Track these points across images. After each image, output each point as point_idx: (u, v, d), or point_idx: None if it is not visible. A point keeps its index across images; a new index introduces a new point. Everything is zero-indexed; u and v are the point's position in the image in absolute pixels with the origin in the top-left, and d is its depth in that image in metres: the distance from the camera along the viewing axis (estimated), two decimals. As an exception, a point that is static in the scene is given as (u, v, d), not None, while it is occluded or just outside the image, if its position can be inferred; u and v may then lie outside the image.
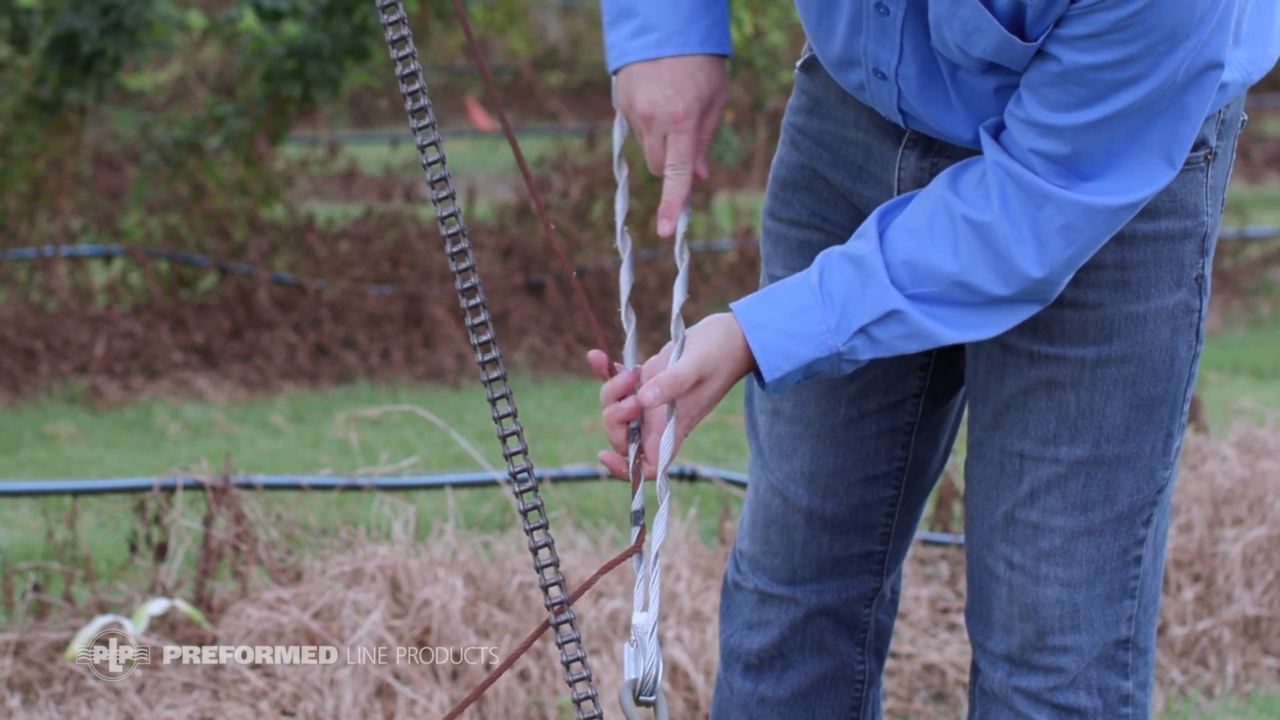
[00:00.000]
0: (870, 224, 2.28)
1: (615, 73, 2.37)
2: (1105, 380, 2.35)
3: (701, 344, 2.28)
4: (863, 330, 2.25)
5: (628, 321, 2.37)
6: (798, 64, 2.51)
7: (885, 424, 2.54)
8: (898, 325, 2.24)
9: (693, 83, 2.33)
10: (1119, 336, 2.34)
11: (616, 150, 2.42)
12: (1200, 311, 2.37)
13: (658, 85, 2.33)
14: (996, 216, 2.20)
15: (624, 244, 2.40)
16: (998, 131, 2.23)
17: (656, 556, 2.26)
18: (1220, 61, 2.14)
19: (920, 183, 2.38)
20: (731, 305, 2.31)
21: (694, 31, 2.34)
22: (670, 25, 2.33)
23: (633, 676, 2.20)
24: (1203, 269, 2.36)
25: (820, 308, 2.26)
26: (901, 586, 2.72)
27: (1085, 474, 2.37)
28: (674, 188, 2.38)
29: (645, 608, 2.23)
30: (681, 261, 2.38)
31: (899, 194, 2.41)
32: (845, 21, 2.31)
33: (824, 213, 2.50)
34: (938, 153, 2.37)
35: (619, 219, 2.39)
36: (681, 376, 2.25)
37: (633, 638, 2.22)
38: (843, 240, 2.43)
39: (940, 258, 2.23)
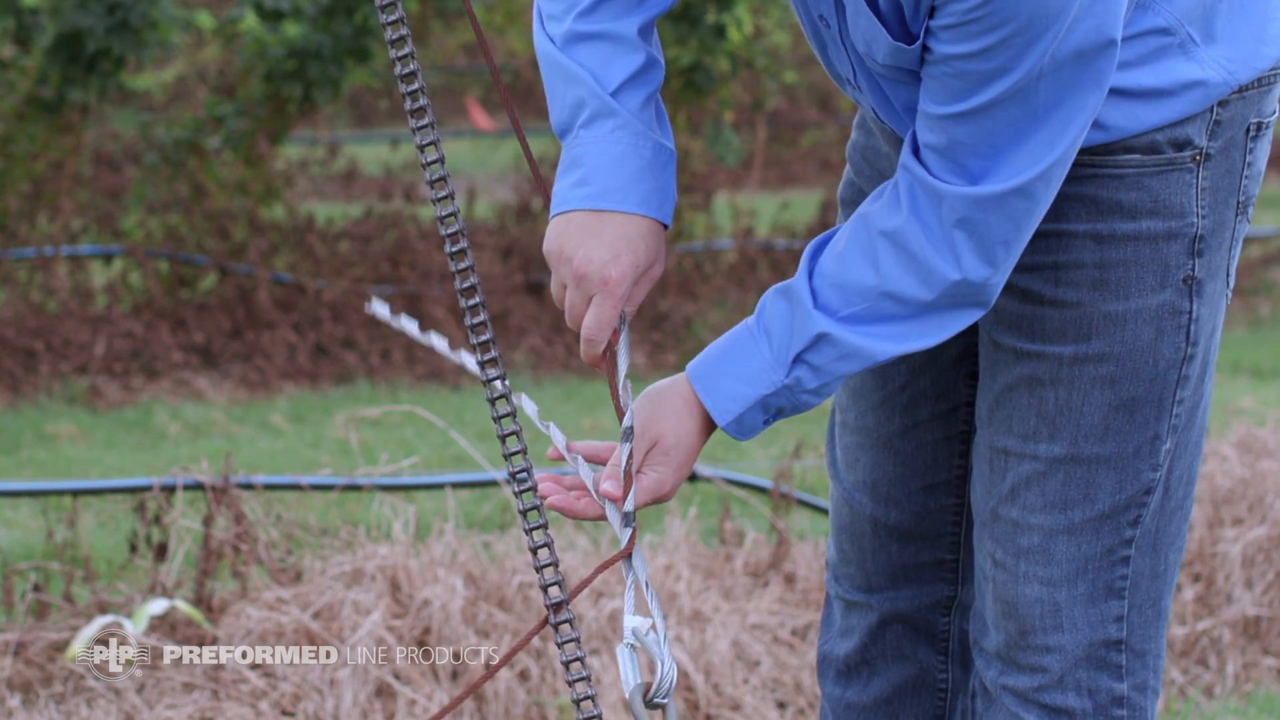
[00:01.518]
0: (805, 254, 2.33)
1: (553, 218, 2.34)
2: (1083, 378, 2.35)
3: (637, 423, 2.31)
4: (799, 359, 2.28)
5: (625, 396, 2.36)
6: None
7: (940, 432, 2.57)
8: (829, 349, 2.27)
9: (631, 249, 2.30)
10: (1097, 335, 2.35)
11: (622, 379, 2.39)
12: (1191, 313, 2.36)
13: (597, 244, 2.29)
14: (906, 219, 2.24)
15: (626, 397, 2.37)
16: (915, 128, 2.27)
17: (648, 584, 2.28)
18: (1113, 39, 2.16)
19: None
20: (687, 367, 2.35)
21: (633, 191, 2.31)
22: (609, 181, 2.31)
23: (637, 681, 2.22)
24: (1193, 270, 2.35)
25: (758, 345, 2.30)
26: None
27: (1064, 472, 2.38)
28: (588, 356, 2.35)
29: (636, 611, 2.25)
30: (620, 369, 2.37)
31: None
32: (813, 39, 2.36)
33: None
34: None
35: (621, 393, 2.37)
36: (654, 495, 2.30)
37: (625, 639, 2.24)
38: None
39: (862, 273, 2.25)
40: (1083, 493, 2.38)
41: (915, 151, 2.25)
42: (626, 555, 2.28)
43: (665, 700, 2.23)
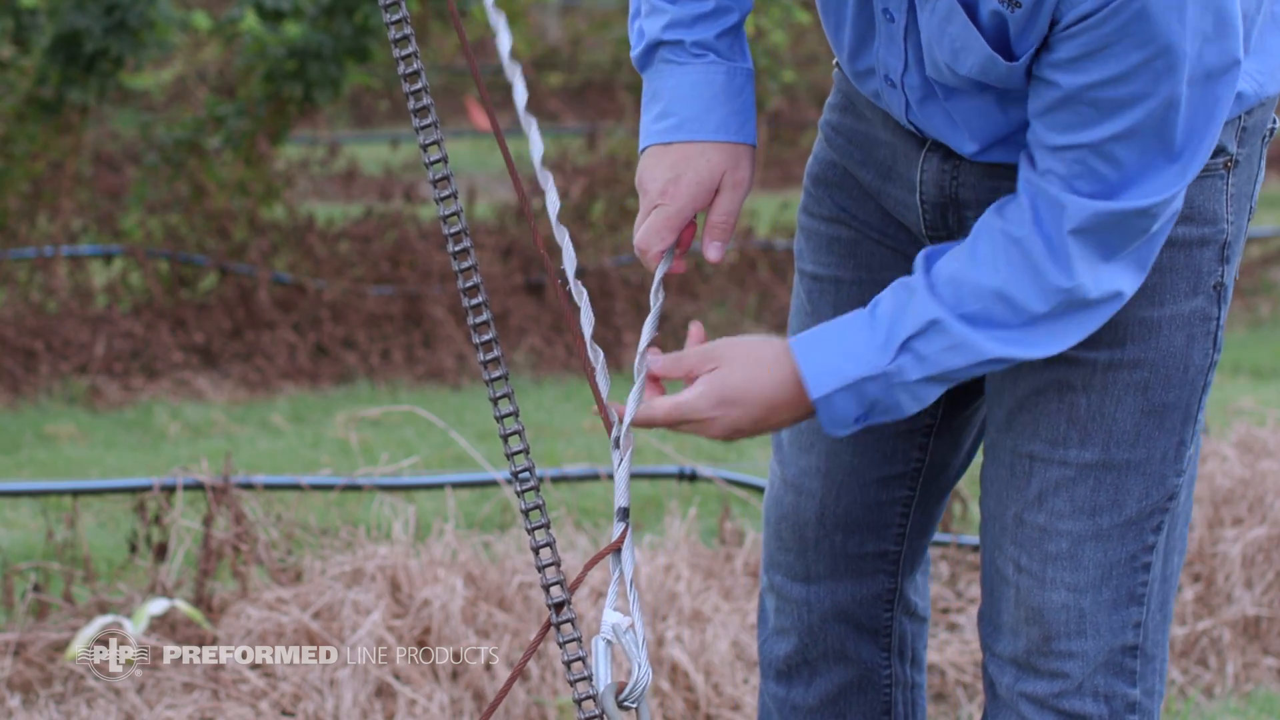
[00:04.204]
0: (920, 256, 2.32)
1: (641, 153, 2.45)
2: (1116, 384, 2.35)
3: (712, 343, 2.31)
4: (906, 345, 2.27)
5: (639, 371, 2.37)
6: (835, 61, 2.52)
7: (903, 425, 2.56)
8: (939, 337, 2.26)
9: (692, 167, 2.39)
10: (1132, 341, 2.34)
11: (656, 281, 2.44)
12: (1218, 319, 2.37)
13: (660, 167, 2.40)
14: (1030, 231, 2.23)
15: (641, 368, 2.39)
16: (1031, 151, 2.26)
17: (632, 582, 2.28)
18: (1237, 58, 2.15)
19: (942, 186, 2.40)
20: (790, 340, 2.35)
21: (709, 119, 2.39)
22: (686, 112, 2.40)
23: (609, 680, 2.22)
24: (1222, 277, 2.36)
25: (869, 328, 2.29)
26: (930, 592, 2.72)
27: (1094, 478, 2.37)
28: (645, 255, 2.44)
29: (618, 606, 2.25)
30: (655, 302, 2.42)
31: (922, 193, 2.43)
32: (858, 30, 2.35)
33: (853, 209, 2.51)
34: (960, 158, 2.38)
35: (644, 342, 2.39)
36: (684, 407, 2.30)
37: (602, 633, 2.24)
38: (869, 236, 2.51)
39: (983, 273, 2.25)
40: (1111, 498, 2.37)
41: (1033, 164, 2.23)
42: (616, 549, 2.28)
43: (636, 704, 2.23)
